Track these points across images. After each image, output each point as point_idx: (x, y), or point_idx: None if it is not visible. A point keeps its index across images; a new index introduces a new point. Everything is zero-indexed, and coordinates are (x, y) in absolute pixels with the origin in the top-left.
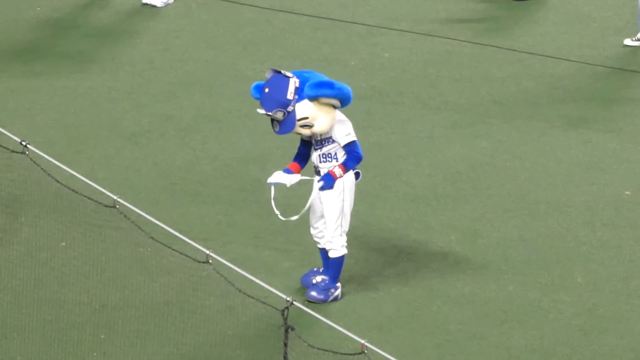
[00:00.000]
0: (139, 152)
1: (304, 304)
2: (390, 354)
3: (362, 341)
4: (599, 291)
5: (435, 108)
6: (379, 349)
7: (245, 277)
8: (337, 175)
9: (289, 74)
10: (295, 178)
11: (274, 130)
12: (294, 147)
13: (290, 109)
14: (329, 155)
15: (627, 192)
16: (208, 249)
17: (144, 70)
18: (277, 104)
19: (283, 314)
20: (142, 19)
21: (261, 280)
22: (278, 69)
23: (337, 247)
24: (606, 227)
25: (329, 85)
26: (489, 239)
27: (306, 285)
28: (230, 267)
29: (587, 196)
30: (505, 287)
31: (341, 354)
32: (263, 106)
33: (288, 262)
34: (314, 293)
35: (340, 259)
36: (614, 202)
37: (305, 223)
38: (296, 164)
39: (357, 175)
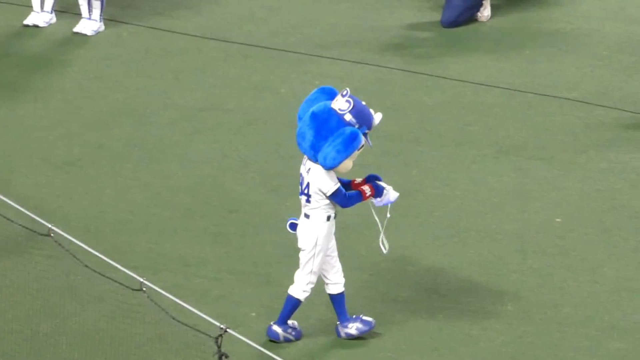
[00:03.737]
0: (70, 180)
1: (236, 332)
2: None
3: None
4: (529, 319)
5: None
6: None
7: (176, 305)
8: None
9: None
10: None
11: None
12: (224, 175)
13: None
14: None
15: (558, 220)
16: (140, 277)
17: (75, 98)
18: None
19: (217, 342)
20: (74, 47)
21: (191, 308)
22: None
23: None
24: (537, 254)
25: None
26: (419, 266)
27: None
28: (161, 295)
29: (518, 224)
30: (435, 315)
31: None
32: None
33: (218, 290)
34: None
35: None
36: (545, 230)
37: (235, 250)
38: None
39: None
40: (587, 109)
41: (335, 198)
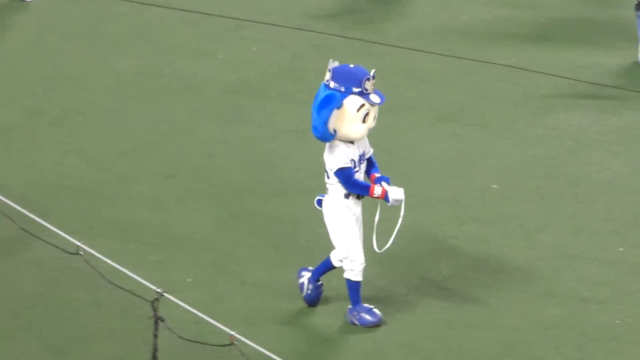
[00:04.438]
0: (8, 146)
1: (174, 296)
2: (259, 345)
3: (232, 333)
4: (466, 285)
5: (302, 102)
6: (249, 340)
7: (113, 270)
8: None
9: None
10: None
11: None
12: (161, 140)
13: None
14: None
15: (495, 186)
16: (77, 241)
17: (13, 64)
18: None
19: (153, 305)
20: (12, 13)
21: (129, 272)
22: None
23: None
24: (473, 220)
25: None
26: None
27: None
28: (99, 260)
29: (455, 190)
30: (371, 281)
31: (211, 345)
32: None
33: (154, 256)
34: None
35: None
36: (482, 196)
37: (172, 216)
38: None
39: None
40: (524, 75)
41: (339, 176)
